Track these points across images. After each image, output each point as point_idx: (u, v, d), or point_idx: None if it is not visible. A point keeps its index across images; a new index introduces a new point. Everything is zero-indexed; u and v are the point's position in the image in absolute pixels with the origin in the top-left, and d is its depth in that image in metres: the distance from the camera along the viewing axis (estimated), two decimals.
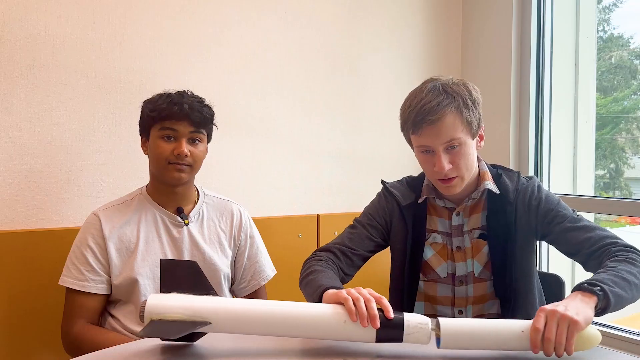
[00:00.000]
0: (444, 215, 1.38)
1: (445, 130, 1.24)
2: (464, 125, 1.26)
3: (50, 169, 1.67)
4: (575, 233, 1.26)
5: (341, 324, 0.99)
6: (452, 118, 1.25)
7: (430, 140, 1.26)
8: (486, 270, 1.34)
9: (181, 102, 1.40)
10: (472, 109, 1.28)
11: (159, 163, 1.41)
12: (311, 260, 1.35)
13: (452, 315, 1.37)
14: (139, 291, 1.39)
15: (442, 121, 1.24)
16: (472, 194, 1.35)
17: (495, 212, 1.34)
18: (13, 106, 1.61)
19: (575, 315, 0.98)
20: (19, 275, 1.59)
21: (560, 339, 0.97)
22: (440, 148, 1.26)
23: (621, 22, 2.37)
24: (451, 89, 1.27)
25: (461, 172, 1.28)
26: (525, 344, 0.99)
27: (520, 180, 1.37)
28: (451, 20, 2.51)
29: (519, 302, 1.33)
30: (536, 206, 1.33)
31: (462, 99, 1.26)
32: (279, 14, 2.08)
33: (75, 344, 1.36)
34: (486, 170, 1.37)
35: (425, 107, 1.25)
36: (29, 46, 1.62)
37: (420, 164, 1.35)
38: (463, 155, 1.27)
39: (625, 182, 2.42)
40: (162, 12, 1.84)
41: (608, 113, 2.43)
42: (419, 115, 1.25)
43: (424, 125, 1.25)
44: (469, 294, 1.35)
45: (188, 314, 0.98)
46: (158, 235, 1.45)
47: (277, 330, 1.00)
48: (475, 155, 1.34)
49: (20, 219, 1.63)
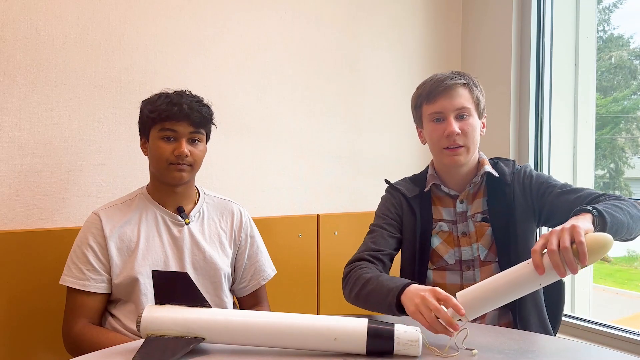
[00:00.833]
0: (449, 204, 1.47)
1: (457, 99, 1.39)
2: (473, 101, 1.42)
3: (50, 169, 1.67)
4: (566, 196, 1.36)
5: (331, 340, 1.00)
6: (464, 91, 1.41)
7: (444, 106, 1.40)
8: (491, 253, 1.41)
9: (180, 103, 1.40)
10: (481, 92, 1.45)
11: (160, 164, 1.41)
12: (353, 270, 1.39)
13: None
14: (139, 290, 1.39)
15: (456, 90, 1.40)
16: (473, 179, 1.45)
17: (495, 195, 1.44)
18: (13, 106, 1.61)
19: (572, 224, 1.03)
20: (19, 275, 1.59)
21: (564, 243, 1.00)
22: (452, 115, 1.39)
23: (621, 22, 2.37)
24: (464, 73, 1.45)
25: (467, 142, 1.40)
26: (538, 279, 1.02)
27: (515, 166, 1.49)
28: (451, 19, 2.51)
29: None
30: (529, 183, 1.44)
31: (473, 82, 1.44)
32: (279, 14, 2.08)
33: (76, 344, 1.36)
34: (485, 158, 1.49)
35: (441, 79, 1.41)
36: (29, 46, 1.62)
37: (430, 134, 1.45)
38: (470, 126, 1.40)
39: (625, 182, 2.42)
40: (162, 12, 1.84)
41: (608, 113, 2.43)
42: (435, 84, 1.41)
43: (439, 93, 1.40)
44: (477, 278, 1.40)
45: (182, 330, 1.01)
46: (159, 234, 1.45)
47: (269, 342, 1.02)
48: (479, 136, 1.45)
49: (21, 219, 1.63)
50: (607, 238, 1.00)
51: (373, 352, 1.00)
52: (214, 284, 1.49)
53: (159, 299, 1.06)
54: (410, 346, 1.00)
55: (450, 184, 1.48)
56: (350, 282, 1.37)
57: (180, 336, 1.01)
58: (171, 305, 1.05)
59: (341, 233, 2.20)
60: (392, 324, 1.01)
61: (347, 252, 2.19)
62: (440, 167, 1.50)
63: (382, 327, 1.00)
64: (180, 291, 1.06)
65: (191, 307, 1.05)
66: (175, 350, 0.99)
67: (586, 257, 0.99)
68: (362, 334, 0.99)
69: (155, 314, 1.03)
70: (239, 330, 1.02)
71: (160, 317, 1.02)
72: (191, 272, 1.44)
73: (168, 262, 1.43)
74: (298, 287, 2.10)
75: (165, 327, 1.02)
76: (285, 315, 1.03)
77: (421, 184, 1.51)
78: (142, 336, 1.03)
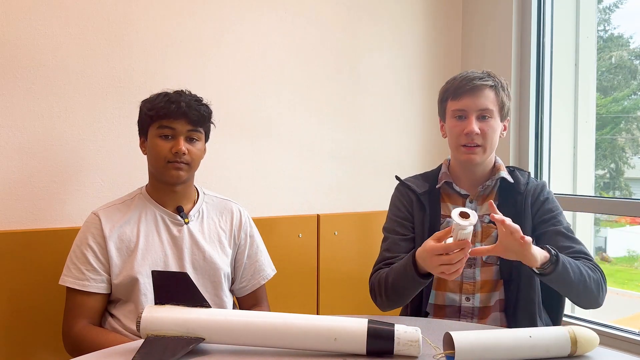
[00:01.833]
0: (458, 202, 1.49)
1: (482, 99, 1.41)
2: (498, 103, 1.43)
3: (50, 169, 1.67)
4: (563, 238, 1.39)
5: (331, 340, 1.00)
6: (490, 92, 1.42)
7: (467, 105, 1.41)
8: (493, 256, 1.42)
9: (179, 101, 1.40)
10: (507, 96, 1.46)
11: (158, 162, 1.41)
12: (373, 279, 1.47)
13: (460, 303, 1.44)
14: (139, 290, 1.38)
15: (482, 91, 1.41)
16: (487, 182, 1.48)
17: (506, 200, 1.46)
18: (13, 106, 1.61)
19: (527, 240, 1.15)
20: (18, 275, 1.59)
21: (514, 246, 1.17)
22: (474, 114, 1.41)
23: (621, 22, 2.37)
24: (494, 75, 1.47)
25: (485, 142, 1.42)
26: (535, 352, 1.00)
27: (531, 178, 1.51)
28: (451, 20, 2.51)
29: (522, 284, 1.41)
30: (542, 201, 1.45)
31: (501, 84, 1.45)
32: (279, 15, 2.07)
33: (76, 344, 1.36)
34: (501, 164, 1.51)
35: (470, 77, 1.43)
36: (29, 46, 1.62)
37: (450, 130, 1.47)
38: (491, 127, 1.42)
39: (626, 182, 2.42)
40: (162, 12, 1.84)
41: (608, 113, 2.43)
42: (463, 82, 1.43)
43: (465, 91, 1.41)
44: (477, 277, 1.43)
45: (182, 330, 1.01)
46: (158, 233, 1.44)
47: (269, 342, 1.01)
48: (498, 138, 1.47)
49: (21, 219, 1.63)
50: (595, 341, 1.03)
51: (373, 353, 1.00)
52: (214, 283, 1.48)
53: (158, 299, 1.05)
54: (411, 346, 0.99)
55: (463, 184, 1.50)
56: (376, 289, 1.43)
57: (180, 336, 1.01)
58: (171, 305, 1.05)
59: (341, 233, 2.19)
60: (392, 324, 1.01)
61: (347, 252, 2.20)
62: (455, 164, 1.52)
63: (382, 328, 1.00)
64: (180, 291, 1.06)
65: (191, 307, 1.04)
66: (175, 350, 0.99)
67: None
68: (362, 334, 0.99)
69: (155, 314, 1.02)
70: (239, 331, 1.01)
71: (160, 317, 1.02)
72: (191, 272, 1.44)
73: (168, 262, 1.43)
74: (298, 287, 2.10)
75: (165, 327, 1.01)
76: (285, 316, 1.02)
77: (432, 181, 1.53)
78: (141, 336, 1.03)
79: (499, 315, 1.43)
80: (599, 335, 1.05)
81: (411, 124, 2.40)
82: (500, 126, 1.46)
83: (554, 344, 1.01)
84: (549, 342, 1.00)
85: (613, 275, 2.72)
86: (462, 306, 1.44)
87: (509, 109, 1.48)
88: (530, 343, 1.00)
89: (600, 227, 2.60)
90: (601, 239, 2.70)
